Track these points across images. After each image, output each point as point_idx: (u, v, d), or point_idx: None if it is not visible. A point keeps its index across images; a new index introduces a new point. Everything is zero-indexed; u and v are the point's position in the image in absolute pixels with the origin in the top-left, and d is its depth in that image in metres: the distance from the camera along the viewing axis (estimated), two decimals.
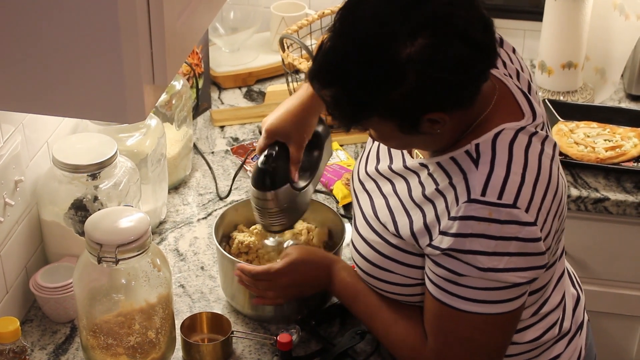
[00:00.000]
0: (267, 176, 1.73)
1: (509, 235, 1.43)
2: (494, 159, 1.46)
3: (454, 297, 1.48)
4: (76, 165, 1.79)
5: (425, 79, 1.36)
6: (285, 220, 1.79)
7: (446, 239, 1.45)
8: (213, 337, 1.77)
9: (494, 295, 1.46)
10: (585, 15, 2.47)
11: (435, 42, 1.35)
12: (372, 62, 1.37)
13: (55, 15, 1.22)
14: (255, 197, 1.76)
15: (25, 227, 1.83)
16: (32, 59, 1.26)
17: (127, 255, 1.60)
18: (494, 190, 1.43)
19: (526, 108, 1.54)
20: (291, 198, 1.76)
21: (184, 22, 1.35)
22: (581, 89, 2.58)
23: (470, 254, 1.44)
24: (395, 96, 1.38)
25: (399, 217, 1.55)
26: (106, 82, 1.26)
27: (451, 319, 1.50)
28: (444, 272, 1.48)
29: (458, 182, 1.46)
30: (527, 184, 1.45)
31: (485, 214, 1.42)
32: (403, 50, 1.35)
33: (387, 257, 1.57)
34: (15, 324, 1.60)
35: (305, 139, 1.77)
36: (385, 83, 1.37)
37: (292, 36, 2.38)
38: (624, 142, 2.33)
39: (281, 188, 1.74)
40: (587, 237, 2.32)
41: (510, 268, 1.44)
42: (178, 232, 2.09)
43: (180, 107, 2.16)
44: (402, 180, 1.58)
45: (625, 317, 2.44)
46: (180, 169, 2.22)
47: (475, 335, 1.50)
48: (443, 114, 1.41)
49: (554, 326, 1.64)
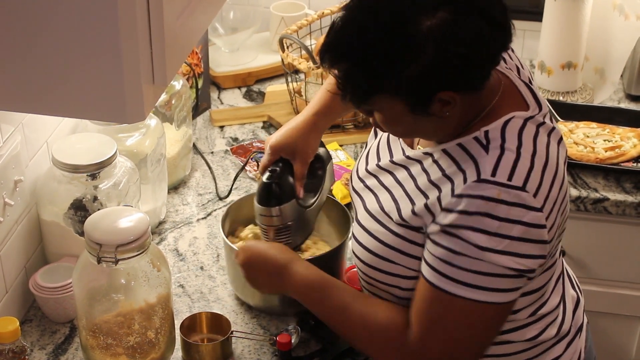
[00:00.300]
0: (273, 192, 1.73)
1: (514, 218, 1.42)
2: (503, 144, 1.46)
3: (448, 280, 1.46)
4: (76, 165, 1.79)
5: (443, 53, 1.36)
6: (290, 239, 1.77)
7: (450, 215, 1.44)
8: (212, 337, 1.77)
9: (488, 282, 1.44)
10: (584, 16, 2.47)
11: (456, 17, 1.36)
12: (391, 34, 1.36)
13: (55, 16, 1.22)
14: (261, 215, 1.75)
15: (24, 227, 1.83)
16: (32, 59, 1.26)
17: (127, 255, 1.60)
18: (504, 171, 1.43)
19: (530, 100, 1.55)
20: (297, 215, 1.76)
21: (183, 22, 1.35)
22: (581, 89, 2.58)
23: (470, 231, 1.42)
24: (412, 70, 1.38)
25: (403, 205, 1.54)
26: (106, 82, 1.26)
27: (441, 304, 1.48)
28: (441, 251, 1.46)
29: (467, 166, 1.46)
30: (536, 170, 1.45)
31: (494, 193, 1.42)
32: (424, 22, 1.35)
33: (389, 247, 1.56)
34: (14, 324, 1.60)
35: (310, 155, 1.79)
36: (403, 55, 1.37)
37: (291, 36, 2.38)
38: (623, 143, 2.34)
39: (287, 204, 1.74)
40: (587, 237, 2.32)
41: (509, 252, 1.43)
42: (177, 232, 2.09)
43: (180, 107, 2.16)
44: (402, 170, 1.57)
45: (624, 318, 2.44)
46: (179, 169, 2.22)
47: (462, 323, 1.48)
48: (455, 93, 1.41)
49: (551, 326, 1.64)
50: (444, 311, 1.49)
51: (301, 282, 1.65)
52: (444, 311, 1.49)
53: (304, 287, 1.65)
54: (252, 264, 1.70)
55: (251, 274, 1.71)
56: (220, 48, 2.71)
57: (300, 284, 1.65)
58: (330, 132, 2.40)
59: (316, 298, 1.64)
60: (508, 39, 1.44)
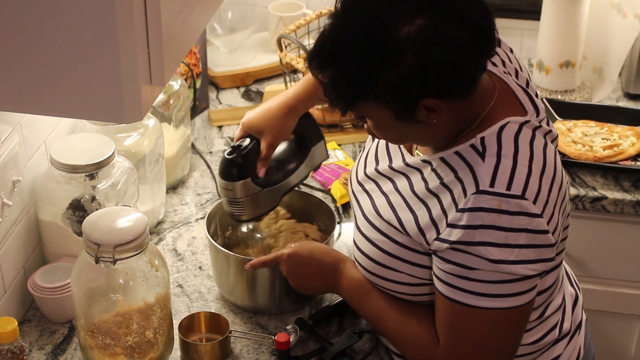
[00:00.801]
0: (232, 167, 1.79)
1: (518, 227, 1.42)
2: (500, 151, 1.45)
3: (466, 294, 1.46)
4: (74, 166, 1.79)
5: (422, 60, 1.36)
6: (247, 211, 1.83)
7: (455, 231, 1.44)
8: (211, 336, 1.77)
9: (507, 289, 1.45)
10: (583, 15, 2.47)
11: (434, 23, 1.35)
12: (370, 41, 1.37)
13: (53, 16, 1.22)
14: (220, 186, 1.82)
15: (23, 227, 1.83)
16: (30, 59, 1.26)
17: (125, 255, 1.59)
18: (502, 181, 1.43)
19: (528, 105, 1.54)
20: (254, 192, 1.80)
21: (181, 21, 1.35)
22: (579, 87, 2.58)
23: (480, 246, 1.42)
24: (391, 76, 1.38)
25: (402, 214, 1.54)
26: (104, 82, 1.26)
27: (464, 317, 1.48)
28: (454, 267, 1.46)
29: (465, 175, 1.46)
30: (534, 176, 1.45)
31: (494, 204, 1.42)
32: (402, 29, 1.35)
33: (392, 256, 1.56)
34: (13, 324, 1.60)
35: (279, 139, 1.80)
36: (382, 63, 1.37)
37: (289, 36, 2.38)
38: (621, 141, 2.34)
39: (242, 181, 1.79)
40: (585, 235, 2.32)
41: (521, 260, 1.43)
42: (176, 232, 2.09)
43: (178, 107, 2.16)
44: (402, 177, 1.57)
45: (623, 316, 2.44)
46: (178, 169, 2.22)
47: (489, 331, 1.49)
48: (439, 101, 1.40)
49: (555, 328, 1.64)
50: (468, 323, 1.49)
51: (346, 285, 1.68)
52: (468, 323, 1.49)
53: (347, 290, 1.69)
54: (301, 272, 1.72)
55: (302, 281, 1.73)
56: (219, 48, 2.71)
57: (345, 287, 1.69)
58: (328, 131, 2.41)
59: (356, 302, 1.68)
60: (491, 45, 1.43)
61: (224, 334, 1.74)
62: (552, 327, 1.64)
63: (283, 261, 1.72)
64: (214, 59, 2.66)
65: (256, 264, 1.75)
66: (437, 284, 1.51)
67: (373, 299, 1.64)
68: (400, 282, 1.58)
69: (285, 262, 1.72)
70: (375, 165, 1.64)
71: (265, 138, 1.79)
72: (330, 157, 2.31)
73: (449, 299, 1.48)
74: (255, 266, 1.75)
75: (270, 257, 1.74)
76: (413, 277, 1.56)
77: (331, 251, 1.74)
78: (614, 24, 2.52)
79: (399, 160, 1.60)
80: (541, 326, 1.62)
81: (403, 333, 1.60)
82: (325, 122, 2.40)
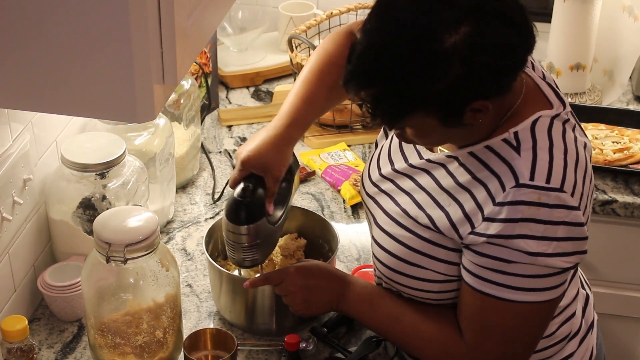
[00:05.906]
0: (244, 209, 1.65)
1: (557, 220, 1.43)
2: (535, 145, 1.46)
3: (501, 287, 1.46)
4: (85, 164, 1.79)
5: (471, 66, 1.35)
6: (257, 256, 1.72)
7: (494, 225, 1.44)
8: (217, 354, 1.72)
9: (543, 283, 1.46)
10: (594, 17, 2.46)
11: (479, 29, 1.34)
12: (415, 54, 1.35)
13: (65, 14, 1.22)
14: (229, 231, 1.68)
15: (33, 225, 1.83)
16: (42, 58, 1.26)
17: (136, 254, 1.59)
18: (542, 174, 1.43)
19: (553, 98, 1.54)
20: (266, 233, 1.70)
21: (194, 21, 1.35)
22: (589, 90, 2.58)
23: (519, 239, 1.42)
24: (440, 87, 1.36)
25: (431, 211, 1.53)
26: (116, 81, 1.26)
27: (496, 311, 1.48)
28: (490, 261, 1.46)
29: (501, 169, 1.45)
30: (569, 169, 1.45)
31: (534, 198, 1.42)
32: (447, 39, 1.33)
33: (417, 252, 1.56)
34: (23, 323, 1.60)
35: (282, 171, 1.70)
36: (430, 75, 1.35)
37: (300, 36, 2.38)
38: (632, 144, 2.33)
39: (257, 222, 1.67)
40: (595, 239, 2.30)
41: (558, 253, 1.44)
42: (185, 232, 2.09)
43: (189, 107, 2.16)
44: (423, 174, 1.57)
45: (633, 320, 2.44)
46: (188, 169, 2.22)
47: (517, 325, 1.49)
48: (487, 101, 1.40)
49: (568, 321, 1.64)
50: (499, 317, 1.49)
51: (357, 293, 1.67)
52: (500, 317, 1.49)
53: (358, 298, 1.67)
54: (319, 267, 1.70)
55: (311, 295, 1.69)
56: (229, 48, 2.72)
57: (355, 296, 1.67)
58: (338, 132, 2.41)
59: (367, 309, 1.66)
60: (532, 40, 1.43)
61: (231, 351, 1.68)
62: (566, 320, 1.64)
63: (290, 275, 1.69)
64: (223, 58, 2.66)
65: (258, 281, 1.71)
66: (467, 278, 1.50)
67: (388, 301, 1.63)
68: (422, 279, 1.57)
69: (293, 275, 1.69)
70: (392, 166, 1.64)
71: (270, 175, 1.68)
72: (340, 157, 2.31)
73: (481, 292, 1.48)
74: (256, 284, 1.71)
75: (275, 273, 1.71)
76: (436, 273, 1.55)
77: (337, 269, 1.73)
78: (625, 26, 2.51)
79: (415, 158, 1.60)
80: (556, 318, 1.62)
81: (422, 331, 1.59)
82: (335, 122, 2.40)
